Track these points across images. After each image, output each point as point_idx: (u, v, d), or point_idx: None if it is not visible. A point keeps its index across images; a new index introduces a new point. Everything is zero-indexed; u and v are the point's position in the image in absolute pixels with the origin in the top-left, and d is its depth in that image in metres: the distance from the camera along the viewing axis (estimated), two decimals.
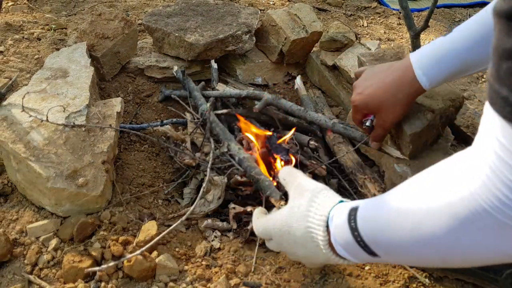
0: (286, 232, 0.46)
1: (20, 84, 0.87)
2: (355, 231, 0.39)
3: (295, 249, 0.46)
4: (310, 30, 1.05)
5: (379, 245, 0.38)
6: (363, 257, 0.40)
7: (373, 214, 0.39)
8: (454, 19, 1.61)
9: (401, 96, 0.60)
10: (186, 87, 0.97)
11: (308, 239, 0.44)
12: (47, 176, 0.63)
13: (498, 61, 0.27)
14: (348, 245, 0.41)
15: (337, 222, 0.42)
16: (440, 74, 0.57)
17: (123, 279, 0.58)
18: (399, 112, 0.62)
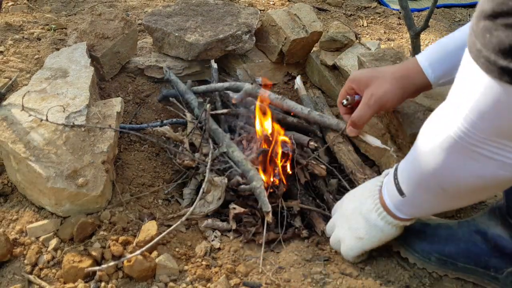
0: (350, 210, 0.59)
1: (20, 84, 0.87)
2: (396, 179, 0.51)
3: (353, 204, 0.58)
4: (310, 30, 1.05)
5: (403, 182, 0.50)
6: (398, 201, 0.52)
7: (403, 162, 0.51)
8: (454, 19, 1.61)
9: (403, 83, 0.57)
10: (175, 87, 0.97)
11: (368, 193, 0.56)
12: (47, 176, 0.63)
13: (477, 18, 0.36)
14: (394, 198, 0.52)
15: (387, 184, 0.55)
16: (444, 65, 0.56)
17: (123, 279, 0.58)
18: (393, 94, 0.56)
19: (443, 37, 0.60)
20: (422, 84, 0.58)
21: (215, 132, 0.85)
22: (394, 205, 0.53)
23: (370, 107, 0.58)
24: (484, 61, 0.34)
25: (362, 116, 0.59)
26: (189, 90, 0.97)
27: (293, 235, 0.70)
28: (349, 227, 0.57)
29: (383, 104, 0.58)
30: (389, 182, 0.53)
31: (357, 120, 0.60)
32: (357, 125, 0.61)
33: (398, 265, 0.62)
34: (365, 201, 0.56)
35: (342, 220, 0.59)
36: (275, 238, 0.68)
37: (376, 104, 0.58)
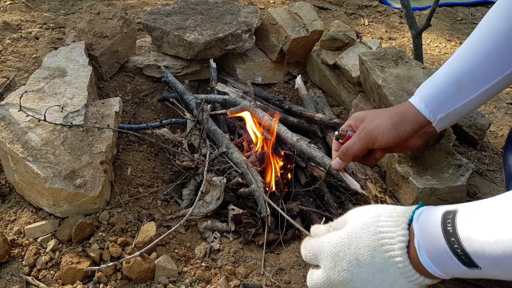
0: (346, 248, 0.37)
1: (18, 84, 0.86)
2: (451, 236, 0.33)
3: (358, 274, 0.37)
4: (310, 29, 1.04)
5: (484, 254, 0.32)
6: (456, 270, 0.34)
7: (479, 221, 0.33)
8: (456, 18, 1.60)
9: (397, 119, 0.54)
10: (173, 88, 0.96)
11: (379, 252, 0.36)
12: (45, 177, 0.62)
13: None
14: (438, 255, 0.34)
15: (425, 225, 0.35)
16: (436, 98, 0.53)
17: (122, 280, 0.58)
18: (384, 128, 0.53)
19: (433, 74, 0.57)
20: (419, 121, 0.54)
21: (214, 133, 0.84)
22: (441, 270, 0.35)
23: (360, 139, 0.55)
24: None
25: (351, 147, 0.55)
26: (188, 90, 0.96)
27: (293, 236, 0.69)
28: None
29: (374, 137, 0.54)
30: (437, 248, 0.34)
31: (345, 150, 0.55)
32: (345, 156, 0.56)
33: None
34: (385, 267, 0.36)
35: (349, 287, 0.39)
36: (275, 239, 0.68)
37: (366, 136, 0.54)
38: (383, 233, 0.37)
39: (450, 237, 0.33)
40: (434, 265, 0.35)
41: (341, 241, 0.39)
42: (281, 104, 0.94)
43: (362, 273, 0.37)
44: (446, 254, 0.33)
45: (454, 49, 1.35)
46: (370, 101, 0.87)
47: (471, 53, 0.54)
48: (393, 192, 0.74)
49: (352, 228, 0.39)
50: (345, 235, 0.39)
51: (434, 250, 0.34)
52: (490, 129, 0.94)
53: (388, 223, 0.37)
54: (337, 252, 0.39)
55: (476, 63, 0.52)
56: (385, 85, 0.76)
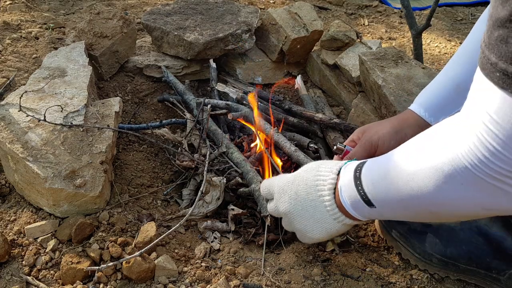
0: (290, 184, 0.49)
1: (18, 84, 0.87)
2: (357, 180, 0.44)
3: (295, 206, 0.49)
4: (310, 29, 1.04)
5: (376, 195, 0.43)
6: (362, 208, 0.45)
7: (374, 168, 0.44)
8: (456, 18, 1.60)
9: (398, 125, 0.56)
10: (173, 88, 0.97)
11: (313, 190, 0.47)
12: (45, 177, 0.62)
13: (490, 29, 0.31)
14: (350, 196, 0.45)
15: (345, 173, 0.47)
16: (436, 103, 0.55)
17: (122, 280, 0.58)
18: (385, 133, 0.55)
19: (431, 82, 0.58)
20: (420, 125, 0.55)
21: (214, 133, 0.84)
22: (356, 210, 0.46)
23: (361, 145, 0.57)
24: (501, 75, 0.30)
25: (353, 155, 0.58)
26: (188, 90, 0.96)
27: (294, 236, 0.69)
28: (301, 228, 0.52)
29: (375, 143, 0.56)
30: (349, 188, 0.46)
31: (350, 158, 0.58)
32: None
33: (399, 267, 0.62)
34: (314, 202, 0.48)
35: (289, 217, 0.52)
36: (275, 239, 0.68)
37: (367, 143, 0.56)
38: (319, 175, 0.48)
39: (357, 180, 0.45)
40: (350, 206, 0.46)
41: (287, 179, 0.51)
42: (281, 104, 0.94)
43: (298, 206, 0.49)
44: (355, 196, 0.45)
45: (454, 49, 1.35)
46: (370, 101, 0.88)
47: (468, 56, 0.55)
48: None
49: (299, 171, 0.51)
50: (291, 175, 0.51)
51: (349, 192, 0.46)
52: None
53: (325, 169, 0.48)
54: (282, 186, 0.51)
55: (474, 67, 0.53)
56: (385, 85, 0.76)
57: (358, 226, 0.70)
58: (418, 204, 0.40)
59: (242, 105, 0.88)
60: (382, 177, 0.42)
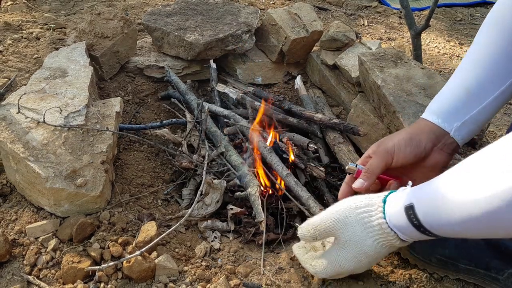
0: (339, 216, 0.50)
1: (19, 84, 0.87)
2: (415, 219, 0.44)
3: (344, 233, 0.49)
4: (310, 30, 1.04)
5: (433, 223, 0.42)
6: (415, 234, 0.45)
7: (429, 194, 0.43)
8: (455, 18, 1.61)
9: (414, 133, 0.54)
10: (175, 87, 0.97)
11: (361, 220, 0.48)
12: (46, 176, 0.63)
13: None
14: (400, 223, 0.45)
15: (392, 203, 0.47)
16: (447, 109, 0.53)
17: (123, 279, 0.58)
18: (401, 140, 0.53)
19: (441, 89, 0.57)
20: (435, 132, 0.54)
21: (214, 134, 0.84)
22: (409, 236, 0.46)
23: (377, 154, 0.54)
24: None
25: (371, 165, 0.55)
26: (189, 90, 0.97)
27: (293, 236, 0.70)
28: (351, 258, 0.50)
29: (391, 151, 0.54)
30: (400, 220, 0.45)
31: (366, 170, 0.55)
32: (367, 173, 0.54)
33: (398, 266, 0.62)
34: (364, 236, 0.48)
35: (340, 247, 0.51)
36: (275, 238, 0.68)
37: (383, 151, 0.54)
38: (362, 207, 0.49)
39: (408, 210, 0.45)
40: (406, 236, 0.47)
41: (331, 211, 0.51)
42: (281, 105, 0.94)
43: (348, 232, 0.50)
44: (408, 226, 0.45)
45: (453, 50, 1.36)
46: (370, 101, 0.88)
47: (476, 60, 0.54)
48: None
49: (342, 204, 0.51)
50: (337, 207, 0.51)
51: (398, 222, 0.46)
52: (489, 129, 0.94)
53: (368, 200, 0.50)
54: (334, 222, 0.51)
55: (483, 71, 0.52)
56: (384, 85, 0.77)
57: None
58: (483, 228, 0.39)
59: (239, 117, 0.86)
60: (442, 203, 0.40)
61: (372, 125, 0.85)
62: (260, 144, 0.78)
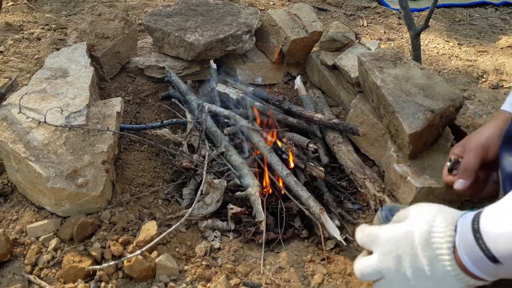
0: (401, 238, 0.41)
1: (20, 84, 0.87)
2: (477, 232, 0.37)
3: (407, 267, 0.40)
4: (310, 30, 1.05)
5: (502, 249, 0.36)
6: (486, 266, 0.37)
7: (496, 214, 0.37)
8: (454, 19, 1.61)
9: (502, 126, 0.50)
10: (175, 87, 0.97)
11: (429, 248, 0.39)
12: (47, 176, 0.63)
13: None
14: (471, 252, 0.38)
15: (462, 226, 0.39)
16: None
17: (123, 279, 0.58)
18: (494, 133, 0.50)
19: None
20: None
21: (214, 134, 0.85)
22: (479, 268, 0.38)
23: (471, 150, 0.51)
24: None
25: (467, 162, 0.51)
26: (190, 90, 0.97)
27: (293, 235, 0.70)
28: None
29: (486, 146, 0.51)
30: (468, 244, 0.38)
31: (464, 169, 0.51)
32: (466, 173, 0.51)
33: None
34: (432, 262, 0.39)
35: (401, 278, 0.41)
36: (275, 238, 0.68)
37: (477, 146, 0.51)
38: (434, 232, 0.40)
39: (476, 233, 0.37)
40: (472, 264, 0.38)
41: (395, 232, 0.42)
42: (281, 105, 0.95)
43: (413, 264, 0.41)
44: (475, 250, 0.37)
45: (452, 50, 1.36)
46: (369, 101, 0.88)
47: None
48: (392, 191, 0.74)
49: (409, 222, 0.42)
50: (401, 228, 0.42)
51: (467, 247, 0.38)
52: None
53: (441, 223, 0.40)
54: (393, 241, 0.42)
55: None
56: (383, 86, 0.77)
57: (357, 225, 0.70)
58: None
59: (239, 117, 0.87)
60: (509, 226, 0.35)
61: (371, 125, 0.85)
62: (261, 144, 0.78)
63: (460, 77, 1.18)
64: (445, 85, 0.77)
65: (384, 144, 0.81)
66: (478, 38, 1.45)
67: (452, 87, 0.78)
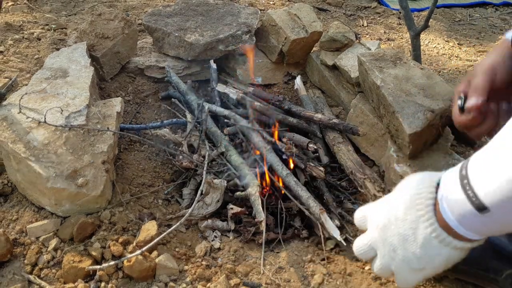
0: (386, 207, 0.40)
1: (20, 84, 0.87)
2: (464, 178, 0.34)
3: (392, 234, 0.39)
4: (310, 30, 1.05)
5: (491, 191, 0.32)
6: (472, 219, 0.34)
7: (487, 154, 0.34)
8: (454, 19, 1.61)
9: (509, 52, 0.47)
10: (175, 87, 0.97)
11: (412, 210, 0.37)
12: (47, 176, 0.63)
13: None
14: (455, 203, 0.35)
15: (445, 181, 0.37)
16: None
17: (123, 279, 0.58)
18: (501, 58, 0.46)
19: None
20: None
21: (214, 134, 0.85)
22: (464, 224, 0.35)
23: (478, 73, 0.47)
24: None
25: (477, 81, 0.47)
26: (190, 90, 0.97)
27: (293, 235, 0.70)
28: (402, 258, 0.40)
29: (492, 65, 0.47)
30: (453, 194, 0.35)
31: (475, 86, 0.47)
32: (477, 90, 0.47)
33: None
34: (414, 224, 0.38)
35: (388, 249, 0.40)
36: (275, 238, 0.68)
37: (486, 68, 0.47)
38: (417, 194, 0.38)
39: (463, 179, 0.34)
40: (456, 220, 0.35)
41: (386, 203, 0.41)
42: (281, 105, 0.95)
43: (395, 233, 0.39)
44: (461, 200, 0.34)
45: (452, 50, 1.36)
46: (369, 101, 0.88)
47: None
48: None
49: (398, 192, 0.41)
50: (390, 198, 0.41)
51: (451, 198, 0.35)
52: None
53: (425, 184, 0.38)
54: (381, 213, 0.41)
55: None
56: (383, 86, 0.77)
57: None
58: None
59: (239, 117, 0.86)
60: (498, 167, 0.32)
61: (371, 125, 0.85)
62: (260, 144, 0.78)
63: (460, 77, 1.18)
64: (445, 85, 0.77)
65: (384, 144, 0.81)
66: (478, 38, 1.45)
67: (452, 87, 0.78)
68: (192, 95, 0.95)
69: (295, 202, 0.71)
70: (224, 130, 0.85)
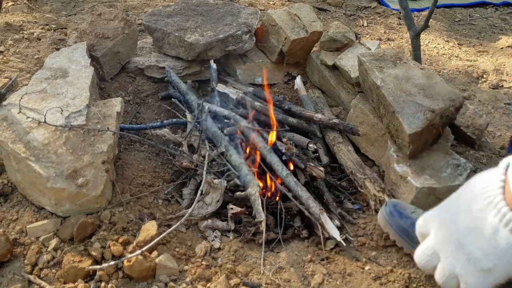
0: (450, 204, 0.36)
1: (20, 84, 0.87)
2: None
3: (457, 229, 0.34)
4: (310, 30, 1.05)
5: None
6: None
7: None
8: (454, 19, 1.61)
9: None
10: (175, 87, 0.97)
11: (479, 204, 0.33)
12: (47, 176, 0.63)
13: None
14: None
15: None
16: None
17: (123, 279, 0.58)
18: None
19: None
20: None
21: (214, 134, 0.85)
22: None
23: None
24: None
25: None
26: (190, 90, 0.97)
27: (293, 235, 0.70)
28: (467, 257, 0.35)
29: None
30: None
31: None
32: None
33: (398, 265, 0.62)
34: (481, 213, 0.34)
35: (451, 248, 0.36)
36: (275, 238, 0.68)
37: None
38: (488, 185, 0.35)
39: None
40: None
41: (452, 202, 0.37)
42: (281, 105, 0.95)
43: (462, 221, 0.35)
44: None
45: (452, 50, 1.36)
46: (369, 101, 0.88)
47: None
48: (392, 191, 0.74)
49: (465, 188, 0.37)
50: (456, 196, 0.37)
51: None
52: (488, 129, 0.94)
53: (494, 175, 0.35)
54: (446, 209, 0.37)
55: None
56: (383, 86, 0.77)
57: (357, 225, 0.71)
58: None
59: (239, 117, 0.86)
60: None
61: (371, 125, 0.85)
62: (260, 144, 0.78)
63: (460, 77, 1.18)
64: (445, 85, 0.77)
65: (384, 144, 0.81)
66: (478, 38, 1.45)
67: (452, 87, 0.78)
68: (192, 95, 0.95)
69: (295, 202, 0.71)
70: (224, 130, 0.85)
